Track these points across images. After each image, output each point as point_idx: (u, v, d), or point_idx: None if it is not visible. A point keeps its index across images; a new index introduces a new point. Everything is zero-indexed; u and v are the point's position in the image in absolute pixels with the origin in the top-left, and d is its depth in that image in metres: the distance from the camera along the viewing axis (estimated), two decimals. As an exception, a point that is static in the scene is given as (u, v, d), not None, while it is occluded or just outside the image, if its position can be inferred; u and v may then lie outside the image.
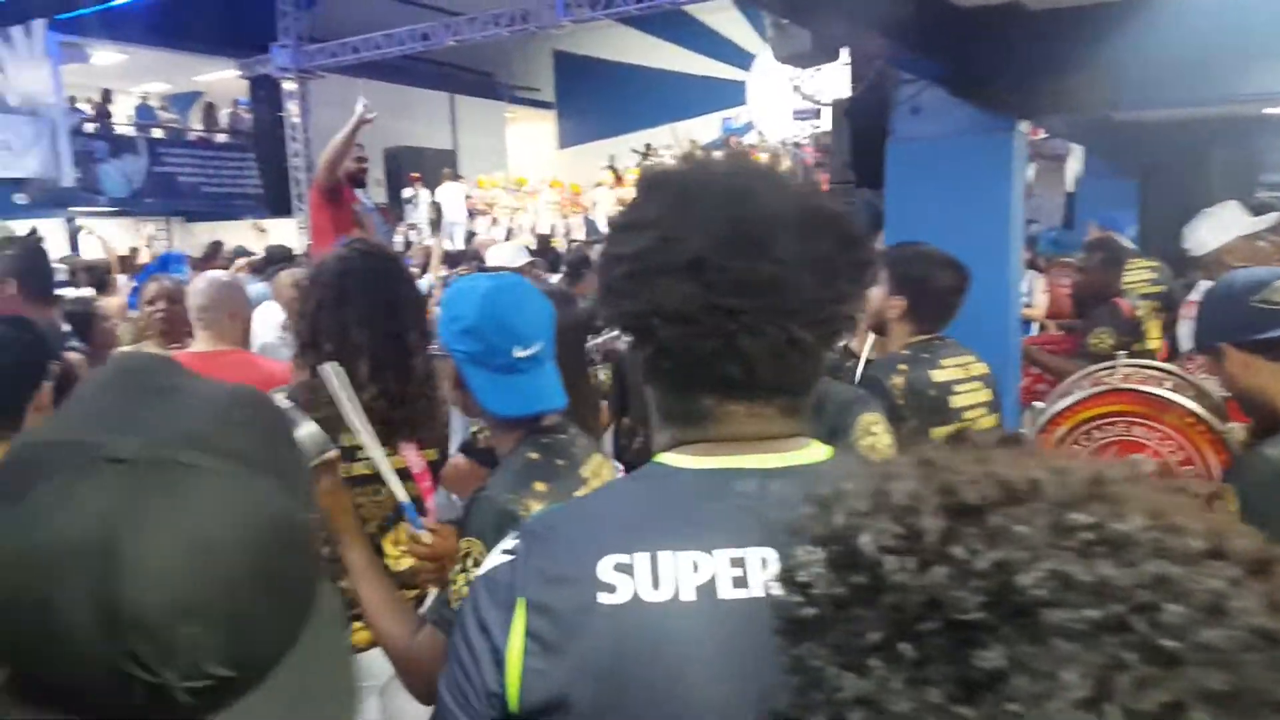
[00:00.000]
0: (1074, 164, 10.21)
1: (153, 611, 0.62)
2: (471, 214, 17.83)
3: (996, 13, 3.75)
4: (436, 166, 18.14)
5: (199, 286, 3.26)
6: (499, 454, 1.77)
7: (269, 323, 4.47)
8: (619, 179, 17.76)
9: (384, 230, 7.03)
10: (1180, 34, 3.75)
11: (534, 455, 1.68)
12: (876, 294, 2.73)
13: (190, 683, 0.64)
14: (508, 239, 15.08)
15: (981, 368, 2.85)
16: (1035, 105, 4.08)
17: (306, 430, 1.70)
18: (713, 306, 0.95)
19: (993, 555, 0.47)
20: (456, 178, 18.06)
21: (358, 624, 1.77)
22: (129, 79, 19.21)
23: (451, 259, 10.39)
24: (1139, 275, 4.96)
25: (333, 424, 1.94)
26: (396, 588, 1.76)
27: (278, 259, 7.78)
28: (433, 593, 1.95)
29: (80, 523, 0.63)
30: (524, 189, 18.14)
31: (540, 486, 1.62)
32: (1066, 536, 0.48)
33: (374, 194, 11.95)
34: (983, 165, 4.13)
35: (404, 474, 2.17)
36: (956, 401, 2.74)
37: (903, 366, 2.73)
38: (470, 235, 13.45)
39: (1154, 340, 4.58)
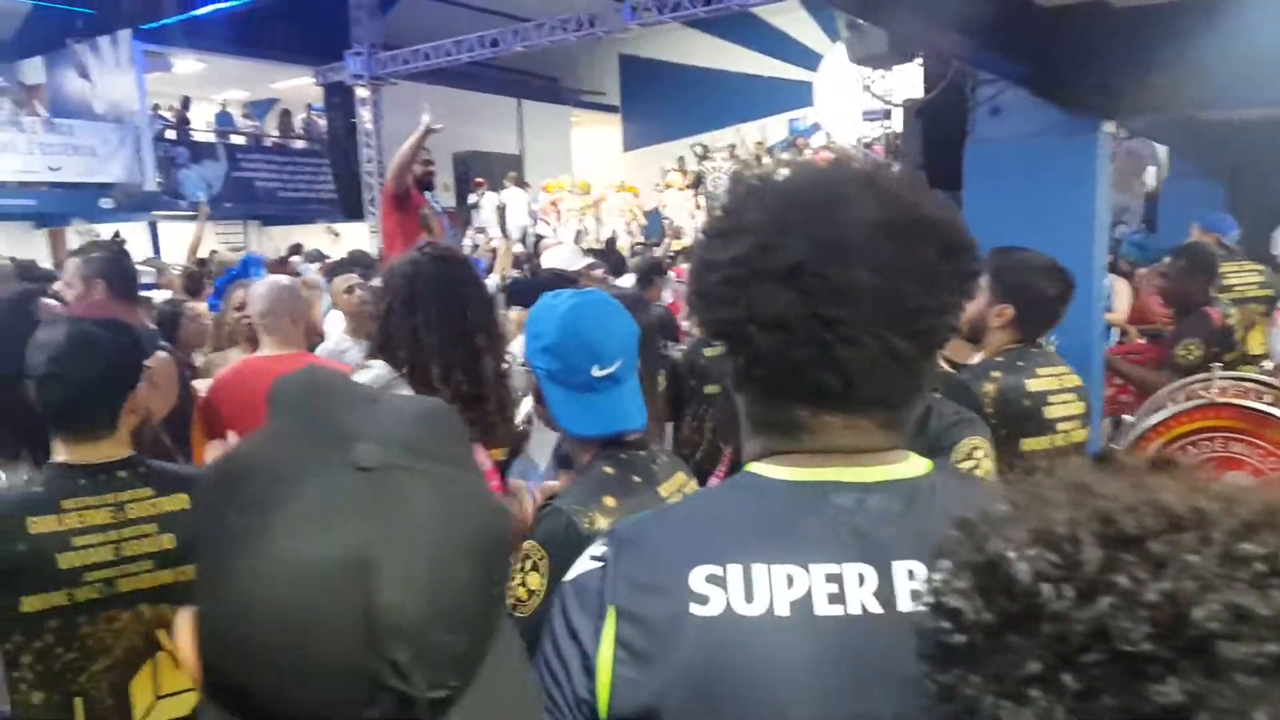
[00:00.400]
0: (1156, 163, 9.95)
1: (410, 618, 0.62)
2: (536, 218, 17.99)
3: (1080, 11, 3.66)
4: (503, 171, 18.31)
5: (259, 292, 3.33)
6: (575, 466, 1.78)
7: (337, 326, 4.54)
8: (690, 179, 17.73)
9: (452, 233, 7.14)
10: (1270, 30, 3.62)
11: (609, 470, 1.69)
12: (976, 300, 2.67)
13: (434, 691, 0.64)
14: (576, 242, 15.19)
15: (1075, 379, 2.77)
16: (1119, 105, 3.97)
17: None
18: (810, 315, 0.92)
19: (1161, 586, 0.46)
20: (521, 182, 18.22)
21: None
22: (209, 87, 19.75)
23: (518, 262, 10.55)
24: (1247, 278, 4.77)
25: None
26: None
27: (355, 264, 7.92)
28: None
29: (340, 534, 0.63)
30: (589, 193, 18.18)
31: (610, 501, 1.62)
32: (1239, 567, 0.46)
33: (442, 198, 12.08)
34: (1065, 168, 4.03)
35: None
36: (1051, 412, 2.66)
37: (995, 374, 2.67)
38: (537, 239, 13.55)
39: (1258, 347, 4.39)
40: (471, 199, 17.58)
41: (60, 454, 1.91)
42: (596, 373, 1.68)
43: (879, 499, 0.95)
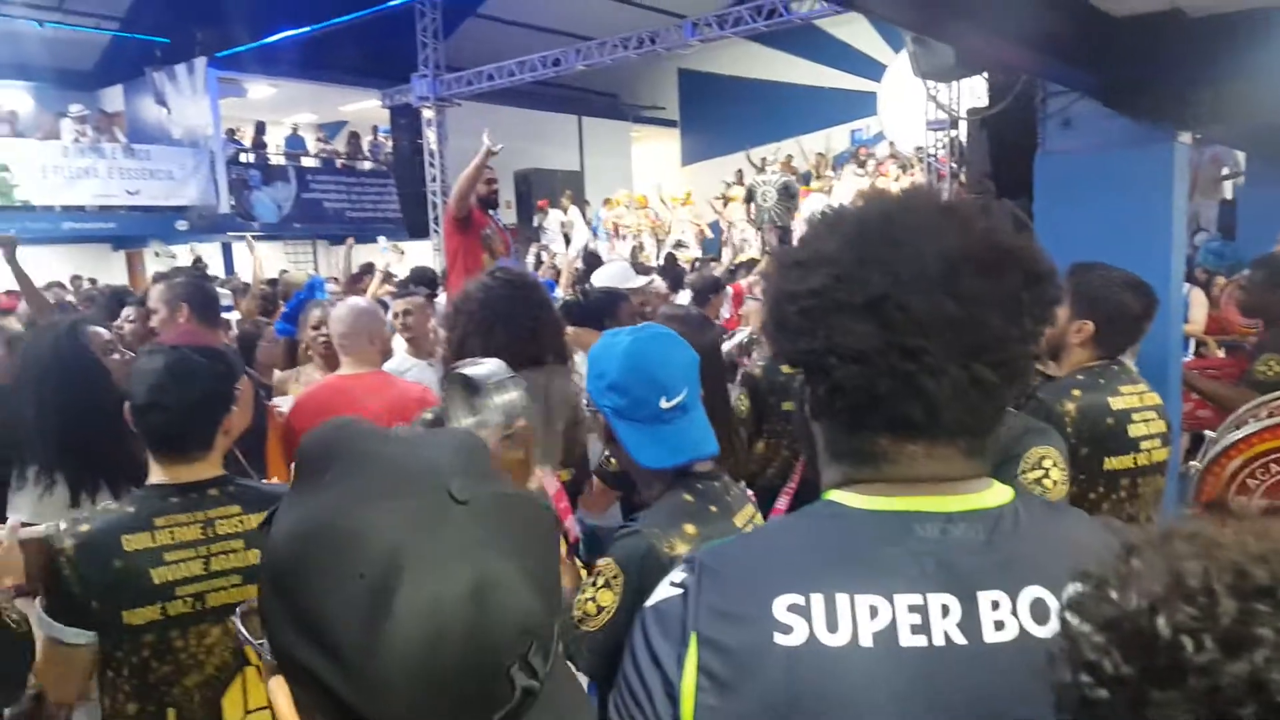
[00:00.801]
0: (1235, 169, 9.69)
1: (536, 619, 0.70)
2: (596, 233, 18.11)
3: (1153, 20, 3.58)
4: (564, 187, 18.51)
5: (340, 314, 3.43)
6: (647, 496, 1.79)
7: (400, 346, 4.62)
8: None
9: (514, 254, 7.24)
10: (1349, 35, 3.52)
11: (688, 498, 1.71)
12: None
13: (542, 682, 0.71)
14: (633, 259, 15.25)
15: (1155, 398, 2.72)
16: (1196, 115, 3.87)
17: (507, 397, 1.78)
18: (893, 346, 0.93)
19: None
20: (578, 200, 18.39)
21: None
22: (279, 110, 20.30)
23: (577, 279, 10.63)
24: None
25: None
26: None
27: (419, 281, 8.07)
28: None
29: (466, 568, 0.68)
30: (647, 208, 18.24)
31: (690, 529, 1.64)
32: None
33: (504, 216, 12.24)
34: (1141, 179, 3.93)
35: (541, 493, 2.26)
36: (1135, 431, 2.62)
37: (1076, 392, 2.63)
38: (594, 255, 13.63)
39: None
40: (536, 219, 17.80)
41: (155, 475, 1.99)
42: (664, 405, 1.71)
43: (962, 529, 0.95)
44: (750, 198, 14.52)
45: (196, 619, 1.93)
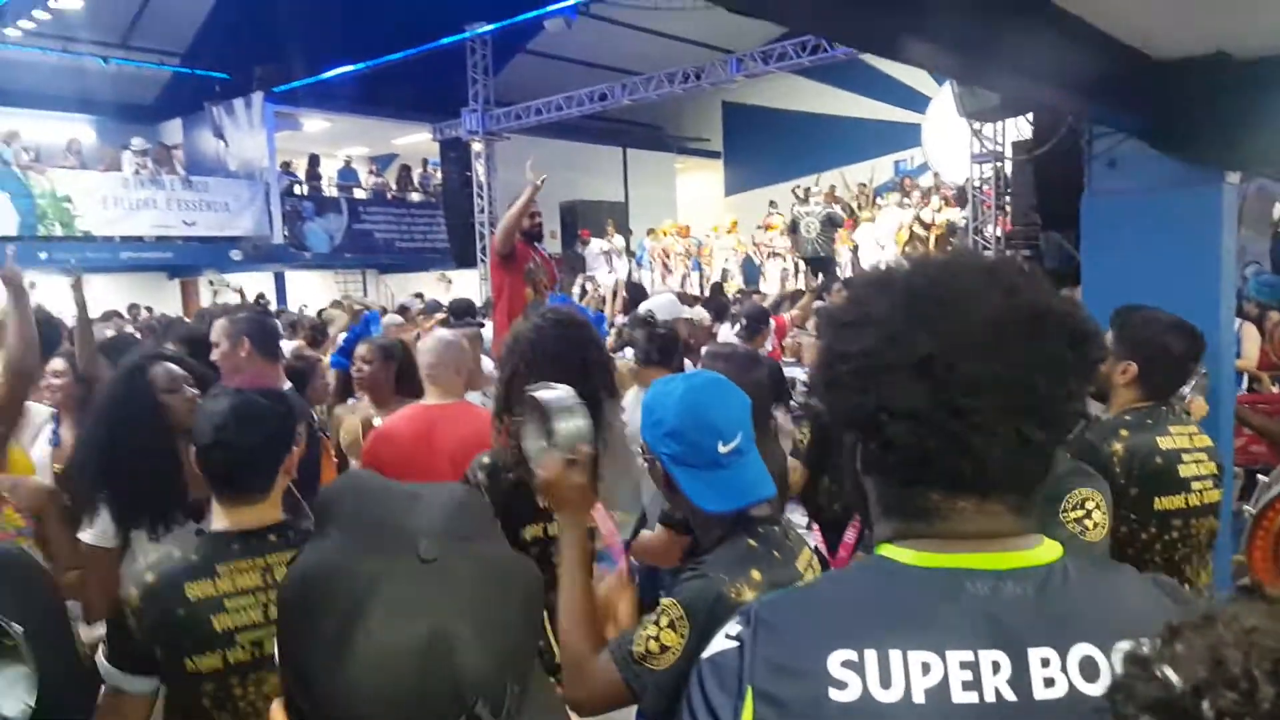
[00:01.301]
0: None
1: (486, 676, 0.79)
2: (640, 262, 18.21)
3: (1200, 63, 3.59)
4: (609, 218, 18.65)
5: (428, 345, 3.57)
6: (706, 541, 1.81)
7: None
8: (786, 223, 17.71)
9: (559, 291, 7.32)
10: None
11: (752, 543, 1.73)
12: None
13: None
14: (681, 287, 15.31)
15: (1206, 440, 2.71)
16: (1243, 156, 3.86)
17: (574, 423, 1.84)
18: (942, 405, 0.96)
19: None
20: (622, 230, 18.53)
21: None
22: (333, 144, 20.70)
23: (625, 309, 10.66)
24: None
25: (523, 484, 2.18)
26: (595, 603, 1.85)
27: (460, 312, 8.21)
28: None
29: (421, 622, 0.78)
30: (687, 236, 18.30)
31: (756, 575, 1.66)
32: None
33: (549, 246, 12.38)
34: (1189, 220, 3.91)
35: (593, 534, 2.29)
36: (1185, 471, 2.62)
37: (1124, 432, 2.63)
38: (638, 286, 13.71)
39: None
40: (578, 248, 17.95)
41: (219, 519, 2.01)
42: (722, 449, 1.73)
43: (1013, 585, 0.97)
44: (794, 229, 14.48)
45: (255, 666, 1.93)
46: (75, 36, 16.52)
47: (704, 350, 3.95)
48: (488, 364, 4.69)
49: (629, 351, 5.57)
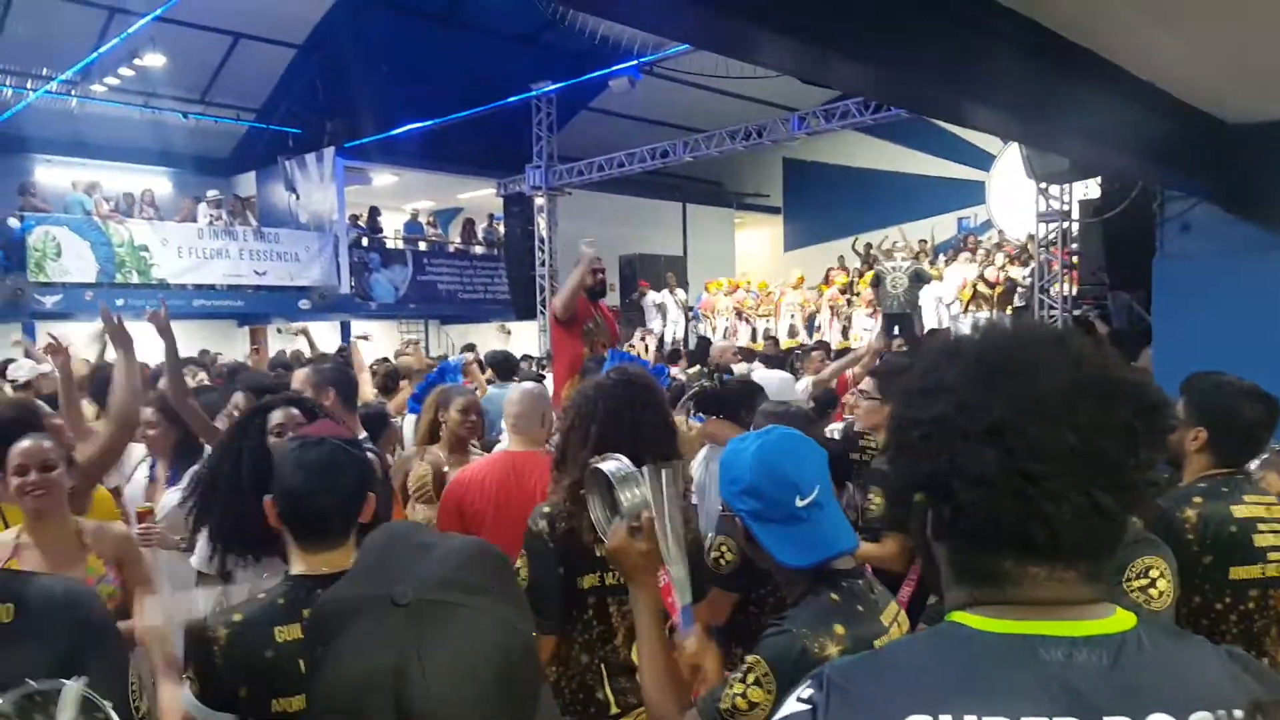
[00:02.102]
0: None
1: (435, 715, 0.86)
2: (695, 315, 18.27)
3: (1273, 129, 3.56)
4: (667, 272, 18.78)
5: (514, 397, 3.69)
6: (790, 595, 1.81)
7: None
8: (850, 276, 17.62)
9: (620, 340, 7.38)
10: None
11: (835, 597, 1.72)
12: None
13: None
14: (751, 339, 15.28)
15: None
16: (1320, 221, 3.81)
17: (634, 492, 1.87)
18: (1014, 471, 0.97)
19: None
20: (681, 282, 18.63)
21: None
22: (399, 197, 21.20)
23: (688, 358, 10.65)
24: None
25: (577, 536, 2.28)
26: (676, 664, 1.85)
27: (497, 365, 8.27)
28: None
29: (378, 655, 0.87)
30: (760, 290, 18.29)
31: (840, 629, 1.66)
32: None
33: (609, 299, 12.49)
34: (1264, 284, 3.86)
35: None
36: (1261, 541, 2.56)
37: (1197, 500, 2.60)
38: (705, 340, 13.74)
39: None
40: (635, 298, 18.09)
41: (297, 564, 2.07)
42: (799, 503, 1.74)
43: (1086, 654, 0.97)
44: (878, 283, 14.29)
45: None
46: (157, 92, 17.17)
47: (761, 409, 3.94)
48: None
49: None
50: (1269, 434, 2.68)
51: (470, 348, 12.52)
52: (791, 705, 1.04)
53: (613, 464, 1.95)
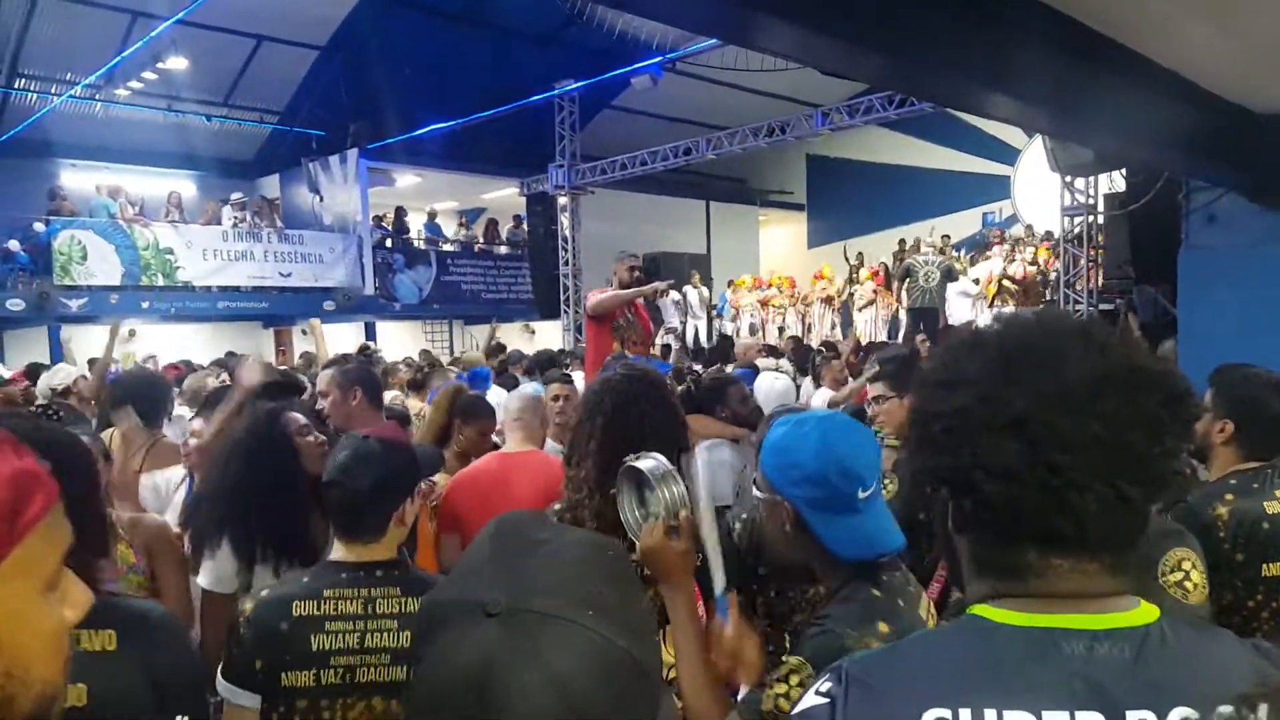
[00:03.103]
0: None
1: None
2: (721, 313, 18.24)
3: (1302, 118, 3.52)
4: (691, 270, 18.75)
5: (514, 398, 3.76)
6: (826, 585, 1.78)
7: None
8: (873, 272, 17.51)
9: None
10: None
11: (877, 593, 1.68)
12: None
13: None
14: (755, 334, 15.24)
15: None
16: (1349, 211, 3.75)
17: (671, 490, 1.84)
18: (1039, 463, 0.96)
19: None
20: (705, 280, 18.60)
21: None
22: (423, 198, 21.29)
23: (708, 357, 10.65)
24: None
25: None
26: (715, 666, 1.79)
27: (545, 363, 8.38)
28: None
29: (465, 665, 0.83)
30: (760, 288, 18.25)
31: (884, 627, 1.62)
32: None
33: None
34: (1290, 276, 3.81)
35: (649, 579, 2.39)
36: None
37: (1229, 496, 2.57)
38: (726, 338, 13.70)
39: None
40: (657, 300, 18.03)
41: (335, 551, 2.13)
42: (861, 495, 1.68)
43: (1109, 647, 0.96)
44: (907, 275, 14.19)
45: (345, 691, 2.00)
46: (180, 96, 17.35)
47: (770, 414, 3.94)
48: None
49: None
50: None
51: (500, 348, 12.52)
52: (810, 699, 1.03)
53: (650, 462, 1.91)
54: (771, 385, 5.86)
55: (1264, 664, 0.99)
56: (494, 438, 4.26)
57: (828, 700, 1.01)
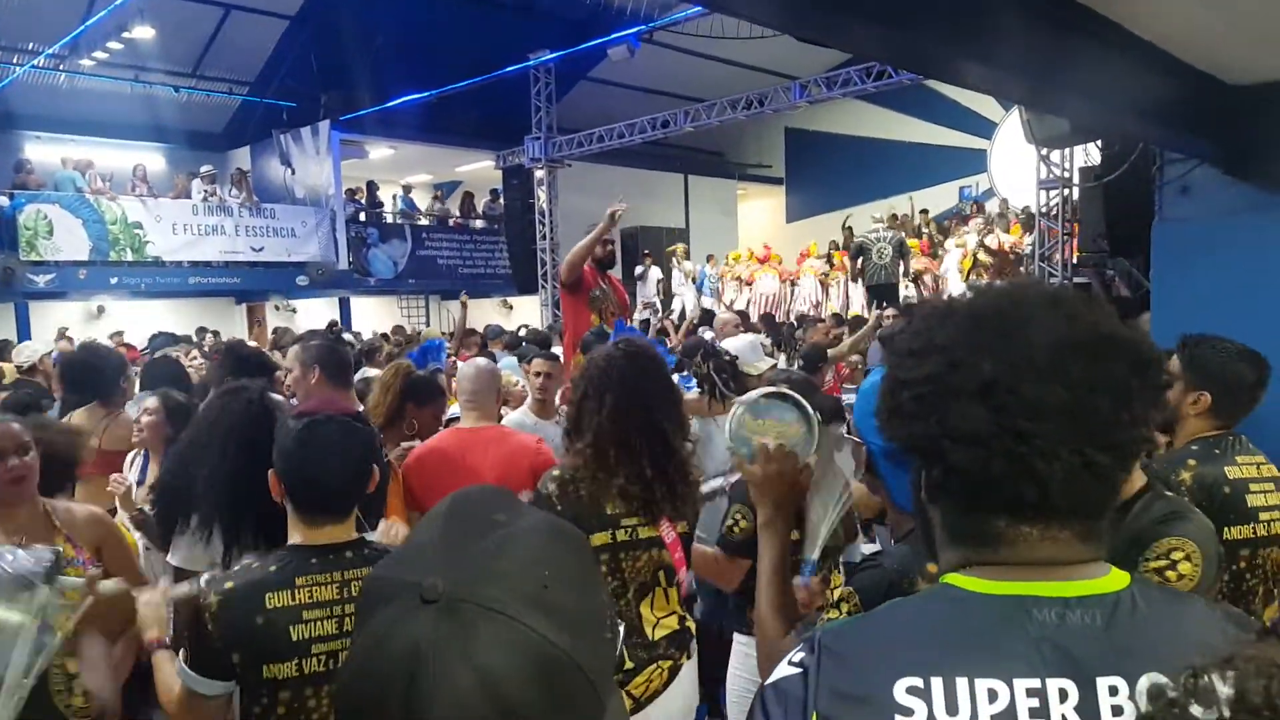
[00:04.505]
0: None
1: (438, 716, 0.77)
2: (702, 289, 18.21)
3: (1274, 89, 3.51)
4: (677, 244, 18.72)
5: (468, 373, 3.68)
6: (896, 531, 1.86)
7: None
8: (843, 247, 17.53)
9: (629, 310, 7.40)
10: None
11: None
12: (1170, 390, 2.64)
13: None
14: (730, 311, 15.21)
15: (1273, 469, 2.69)
16: (1320, 182, 3.77)
17: (814, 432, 2.01)
18: (1005, 430, 0.96)
19: None
20: (686, 255, 18.58)
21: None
22: (396, 171, 21.07)
23: (689, 331, 10.63)
24: None
25: (588, 497, 2.43)
26: (792, 591, 1.98)
27: (536, 343, 8.38)
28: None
29: (395, 653, 0.79)
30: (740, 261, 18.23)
31: (932, 569, 1.63)
32: None
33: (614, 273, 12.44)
34: (1263, 246, 3.83)
35: (659, 542, 2.54)
36: (1253, 501, 2.60)
37: (1192, 462, 2.63)
38: (709, 313, 13.69)
39: None
40: (638, 270, 18.01)
41: (295, 535, 2.08)
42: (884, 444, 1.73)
43: (1079, 614, 0.97)
44: (860, 254, 14.22)
45: (329, 678, 1.98)
46: (147, 66, 16.94)
47: (765, 375, 3.99)
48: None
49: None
50: (1263, 393, 2.72)
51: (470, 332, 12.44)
52: (783, 669, 1.04)
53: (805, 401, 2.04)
54: (738, 342, 5.94)
55: (1234, 629, 0.99)
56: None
57: (800, 670, 1.01)
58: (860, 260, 14.18)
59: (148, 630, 2.17)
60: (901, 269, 14.09)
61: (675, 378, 5.65)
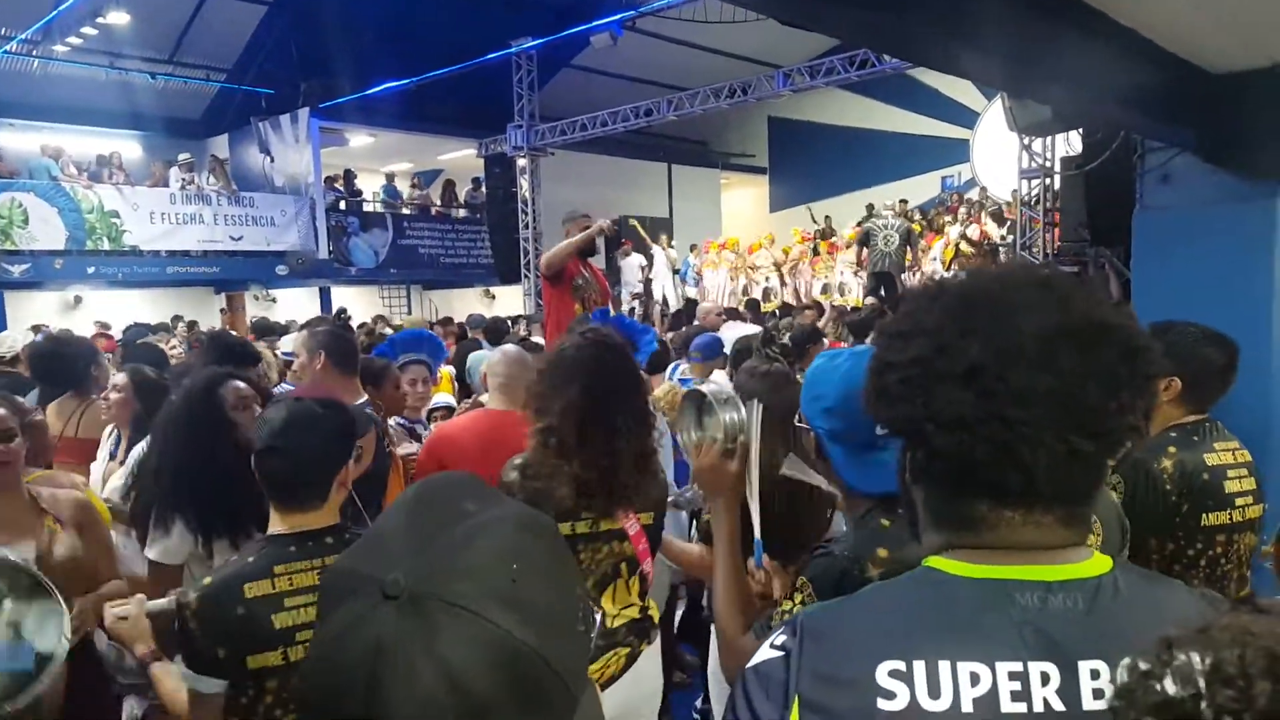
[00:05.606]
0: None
1: (399, 712, 0.75)
2: (684, 277, 18.20)
3: (1255, 77, 3.52)
4: (660, 232, 18.68)
5: (497, 359, 3.66)
6: (850, 513, 1.84)
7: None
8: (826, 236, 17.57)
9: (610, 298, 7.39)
10: None
11: (885, 523, 1.71)
12: None
13: None
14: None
15: (1246, 455, 2.73)
16: (1299, 170, 3.79)
17: (732, 415, 1.98)
18: (991, 415, 0.95)
19: None
20: (670, 244, 18.55)
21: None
22: (377, 159, 20.93)
23: (672, 321, 10.65)
24: None
25: (547, 488, 2.37)
26: (746, 585, 1.98)
27: (503, 329, 8.35)
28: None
29: (357, 649, 0.77)
30: (732, 250, 18.25)
31: (883, 553, 1.66)
32: None
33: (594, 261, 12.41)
34: (1242, 234, 3.85)
35: (620, 534, 2.50)
36: (1230, 487, 2.63)
37: (1172, 449, 2.65)
38: (692, 302, 13.67)
39: None
40: (617, 261, 17.96)
41: (275, 524, 2.07)
42: (880, 431, 1.67)
43: (1062, 598, 0.97)
44: (866, 241, 14.23)
45: None
46: (122, 53, 16.71)
47: (742, 367, 3.98)
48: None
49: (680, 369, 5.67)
50: (1234, 376, 2.72)
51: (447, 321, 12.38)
52: (765, 652, 1.03)
53: (713, 386, 2.05)
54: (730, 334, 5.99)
55: (1212, 614, 0.99)
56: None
57: (783, 653, 1.01)
58: (867, 247, 14.17)
59: (134, 646, 2.14)
60: (907, 258, 14.08)
61: (669, 367, 5.73)
